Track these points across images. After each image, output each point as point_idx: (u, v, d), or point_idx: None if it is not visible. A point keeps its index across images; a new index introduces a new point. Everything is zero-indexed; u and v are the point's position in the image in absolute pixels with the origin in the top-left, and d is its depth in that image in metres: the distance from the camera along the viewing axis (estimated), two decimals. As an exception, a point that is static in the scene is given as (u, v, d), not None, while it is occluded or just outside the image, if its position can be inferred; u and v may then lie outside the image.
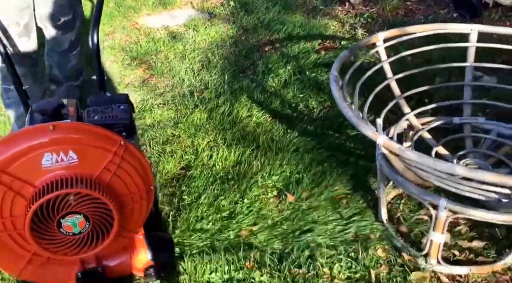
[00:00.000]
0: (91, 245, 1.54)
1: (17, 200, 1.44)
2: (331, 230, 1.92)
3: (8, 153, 1.39)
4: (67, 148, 1.45)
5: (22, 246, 1.56)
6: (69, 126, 1.49)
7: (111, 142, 1.47)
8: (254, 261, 1.80)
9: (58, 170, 1.44)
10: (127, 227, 1.62)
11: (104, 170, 1.48)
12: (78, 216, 1.50)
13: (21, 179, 1.42)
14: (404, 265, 1.78)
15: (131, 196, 1.57)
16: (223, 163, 2.30)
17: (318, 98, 2.77)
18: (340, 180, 2.15)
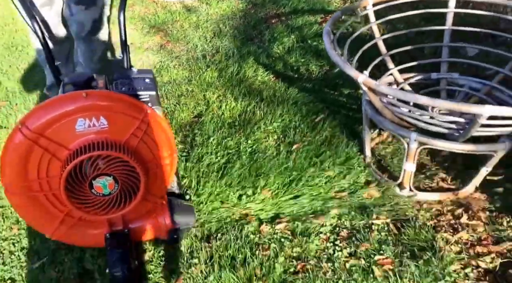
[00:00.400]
0: (119, 206, 1.60)
1: (53, 161, 1.51)
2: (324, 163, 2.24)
3: (45, 118, 1.46)
4: (98, 114, 1.52)
5: (56, 207, 1.62)
6: (101, 94, 1.56)
7: (138, 110, 1.54)
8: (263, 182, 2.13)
9: (90, 134, 1.51)
10: (151, 191, 1.69)
11: (131, 135, 1.55)
12: (108, 178, 1.56)
13: (56, 142, 1.48)
14: (384, 190, 2.10)
15: (155, 161, 1.64)
16: (231, 112, 2.62)
17: (317, 62, 3.07)
18: (332, 126, 2.47)
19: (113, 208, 1.59)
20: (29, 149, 1.47)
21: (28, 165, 1.51)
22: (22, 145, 1.47)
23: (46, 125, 1.45)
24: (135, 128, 1.55)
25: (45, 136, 1.46)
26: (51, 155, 1.49)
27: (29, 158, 1.50)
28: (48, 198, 1.59)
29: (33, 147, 1.47)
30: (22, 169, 1.51)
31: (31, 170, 1.52)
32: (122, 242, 1.72)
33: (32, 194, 1.56)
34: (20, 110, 2.78)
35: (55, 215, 1.63)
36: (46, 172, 1.52)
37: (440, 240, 1.82)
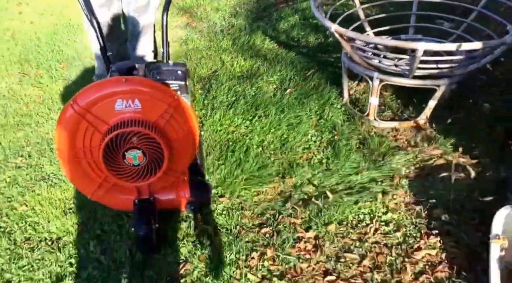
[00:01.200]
0: (146, 176, 1.82)
1: (95, 134, 1.75)
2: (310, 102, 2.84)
3: (91, 97, 1.71)
4: (134, 96, 1.74)
5: (96, 172, 1.87)
6: (137, 80, 1.78)
7: (167, 96, 1.77)
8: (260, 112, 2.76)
9: (126, 113, 1.75)
10: (174, 167, 1.91)
11: (160, 117, 1.78)
12: (138, 151, 1.78)
13: (99, 118, 1.73)
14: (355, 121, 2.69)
15: (179, 141, 1.86)
16: (240, 68, 3.27)
17: (315, 35, 3.70)
18: (320, 78, 3.07)
19: (141, 178, 1.83)
20: (78, 121, 1.73)
21: (76, 135, 1.77)
22: (72, 118, 1.73)
23: (92, 103, 1.72)
24: (163, 111, 1.78)
25: (91, 112, 1.73)
26: (94, 128, 1.75)
27: (77, 129, 1.76)
28: (90, 165, 1.86)
29: (80, 120, 1.73)
30: (71, 138, 1.78)
31: (78, 140, 1.78)
32: (147, 208, 1.98)
33: (78, 160, 1.83)
34: (76, 70, 3.51)
35: (95, 179, 1.89)
36: (90, 142, 1.78)
37: (399, 151, 2.41)
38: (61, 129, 1.76)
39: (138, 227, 1.93)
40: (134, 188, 1.96)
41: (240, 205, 2.15)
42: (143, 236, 1.93)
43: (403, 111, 2.75)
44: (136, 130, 1.73)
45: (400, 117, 2.72)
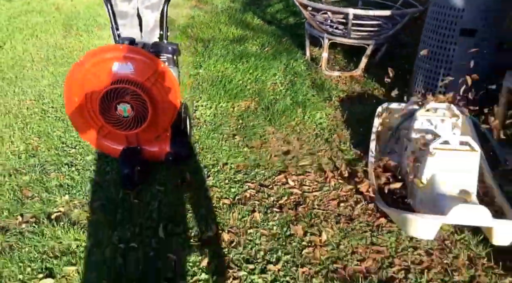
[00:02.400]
0: (133, 126, 2.20)
1: (95, 88, 2.15)
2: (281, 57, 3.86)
3: (95, 58, 2.15)
4: (128, 61, 2.15)
5: (94, 122, 2.27)
6: (132, 48, 2.20)
7: (155, 63, 2.18)
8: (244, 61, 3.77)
9: (120, 73, 2.15)
10: (157, 123, 2.29)
11: (147, 80, 2.18)
12: (127, 105, 2.15)
13: (99, 75, 2.15)
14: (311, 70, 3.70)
15: (162, 103, 2.24)
16: (233, 34, 4.34)
17: (293, 18, 4.79)
18: (292, 42, 4.13)
19: (129, 128, 2.21)
20: (82, 78, 2.17)
21: (80, 89, 2.20)
22: (78, 75, 2.17)
23: (95, 63, 2.14)
24: (150, 75, 2.18)
25: (92, 71, 2.13)
26: (94, 84, 2.14)
27: (81, 85, 2.17)
28: (90, 115, 2.27)
29: (84, 77, 2.16)
30: (76, 92, 2.21)
31: (81, 93, 2.21)
32: (133, 153, 2.36)
33: (81, 110, 2.25)
34: (107, 32, 4.56)
35: (94, 127, 2.32)
36: (90, 95, 2.19)
37: (338, 88, 3.42)
38: (69, 84, 2.22)
39: (123, 166, 2.31)
40: (125, 138, 2.35)
41: (223, 112, 3.14)
42: (126, 174, 2.28)
43: (346, 65, 3.78)
44: (127, 88, 2.13)
45: (344, 69, 3.74)
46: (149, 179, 2.40)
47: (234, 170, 2.49)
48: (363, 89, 3.38)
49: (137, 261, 1.90)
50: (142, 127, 2.19)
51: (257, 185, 2.38)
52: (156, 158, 2.43)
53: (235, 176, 2.44)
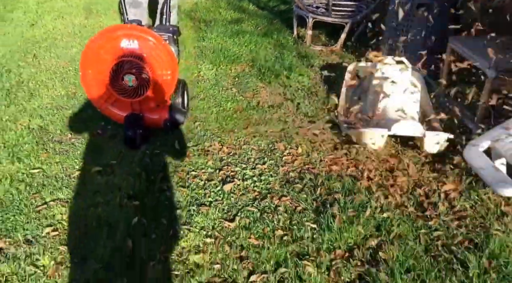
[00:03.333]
0: (137, 94, 2.59)
1: (106, 62, 2.55)
2: (272, 35, 4.53)
3: (105, 36, 2.61)
4: (133, 38, 2.59)
5: (104, 90, 2.67)
6: (137, 27, 2.67)
7: (156, 40, 2.64)
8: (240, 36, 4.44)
9: (128, 48, 2.58)
10: (158, 92, 2.69)
11: (149, 54, 2.60)
12: (132, 76, 2.54)
13: (110, 51, 2.59)
14: (298, 45, 4.37)
15: (162, 74, 2.65)
16: (231, 17, 5.02)
17: (284, 5, 5.45)
18: (282, 24, 4.81)
19: (133, 96, 2.61)
20: (96, 53, 2.61)
21: (94, 63, 2.61)
22: (93, 50, 2.61)
23: (106, 40, 2.61)
24: (152, 50, 2.63)
25: (104, 47, 2.61)
26: (106, 58, 2.58)
27: (95, 59, 2.61)
28: (100, 85, 2.67)
29: (98, 51, 2.61)
30: (90, 65, 2.64)
31: (95, 66, 2.62)
32: (136, 118, 2.73)
33: (94, 81, 2.67)
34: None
35: (103, 96, 2.72)
36: (102, 68, 2.58)
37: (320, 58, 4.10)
38: (84, 58, 2.65)
39: (127, 129, 2.69)
40: (129, 106, 2.72)
41: (222, 72, 3.80)
42: (130, 135, 2.68)
43: (328, 42, 4.47)
44: (133, 61, 2.54)
45: (326, 45, 4.42)
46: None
47: (232, 111, 3.17)
48: (340, 60, 4.05)
49: (160, 162, 2.59)
50: (144, 96, 2.60)
51: (251, 120, 3.05)
52: (155, 124, 2.80)
53: (232, 114, 3.12)
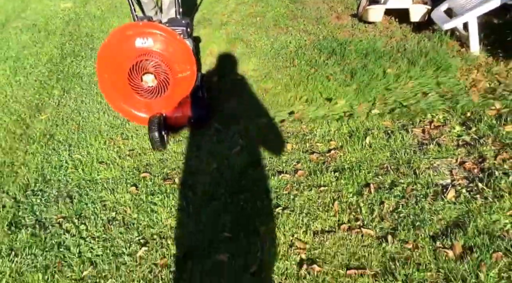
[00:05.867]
0: (158, 93, 2.60)
1: (123, 63, 2.54)
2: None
3: (119, 36, 2.56)
4: (148, 36, 2.52)
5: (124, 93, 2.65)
6: (150, 24, 2.58)
7: (171, 36, 2.57)
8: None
9: (143, 47, 2.53)
10: (178, 89, 2.65)
11: (166, 50, 2.53)
12: (151, 75, 2.53)
13: (125, 51, 2.54)
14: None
15: (181, 70, 2.59)
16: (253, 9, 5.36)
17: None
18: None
19: (154, 95, 2.60)
20: (110, 56, 2.55)
21: (110, 66, 2.57)
22: (107, 53, 2.57)
23: (119, 41, 2.55)
24: (168, 46, 2.54)
25: (118, 48, 2.53)
26: (121, 60, 2.54)
27: (112, 61, 2.54)
28: (118, 86, 2.63)
29: (112, 54, 2.55)
30: (107, 67, 2.59)
31: (111, 70, 2.57)
32: (159, 119, 2.68)
33: (112, 84, 2.63)
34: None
35: (123, 99, 2.71)
36: (119, 70, 2.54)
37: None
38: (100, 63, 2.60)
39: (151, 131, 2.66)
40: (150, 107, 2.71)
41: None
42: (155, 137, 2.67)
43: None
44: (149, 59, 2.52)
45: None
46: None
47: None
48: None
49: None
50: (166, 95, 2.58)
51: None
52: (180, 122, 2.81)
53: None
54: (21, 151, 3.09)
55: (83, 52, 4.57)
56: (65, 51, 4.65)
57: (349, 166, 2.55)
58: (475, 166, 2.36)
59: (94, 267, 2.16)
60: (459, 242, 1.97)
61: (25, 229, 2.42)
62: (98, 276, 2.11)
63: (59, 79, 4.06)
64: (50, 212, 2.53)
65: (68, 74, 4.14)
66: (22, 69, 4.31)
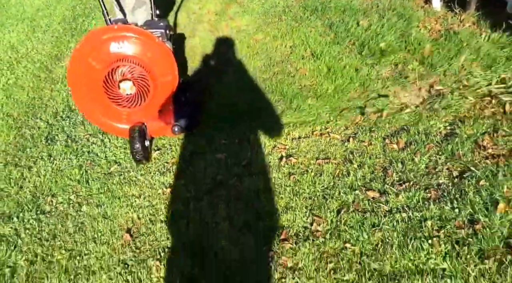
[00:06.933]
0: (137, 102, 2.39)
1: (97, 70, 2.33)
2: None
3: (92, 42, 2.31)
4: (123, 39, 2.28)
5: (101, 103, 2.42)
6: (126, 27, 2.33)
7: (149, 39, 2.35)
8: None
9: (119, 52, 2.30)
10: (159, 96, 2.44)
11: (144, 55, 2.31)
12: (129, 82, 2.30)
13: (99, 58, 2.30)
14: None
15: (161, 75, 2.38)
16: None
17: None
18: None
19: (133, 103, 2.38)
20: (84, 63, 2.32)
21: (84, 74, 2.34)
22: (80, 61, 2.33)
23: (93, 47, 2.31)
24: (146, 50, 2.31)
25: (92, 55, 2.30)
26: (96, 67, 2.31)
27: (84, 70, 2.33)
28: (94, 97, 2.39)
29: (86, 61, 2.31)
30: (79, 76, 2.36)
31: (84, 77, 2.35)
32: (140, 130, 2.50)
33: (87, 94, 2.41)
34: None
35: (100, 110, 2.48)
36: (94, 79, 2.33)
37: None
38: (72, 71, 2.35)
39: (133, 142, 2.47)
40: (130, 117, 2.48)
41: None
42: (137, 149, 2.49)
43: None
44: (126, 64, 2.27)
45: None
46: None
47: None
48: None
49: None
50: (147, 102, 2.39)
51: None
52: (162, 132, 2.65)
53: None
54: (48, 90, 3.64)
55: (93, 13, 5.07)
56: (76, 12, 5.16)
57: (325, 95, 3.12)
58: (427, 92, 2.94)
59: (119, 165, 2.74)
60: (403, 139, 2.56)
61: (59, 142, 2.99)
62: (122, 171, 2.69)
63: (73, 35, 4.57)
64: (78, 131, 3.09)
65: (81, 31, 4.65)
66: (39, 28, 4.82)
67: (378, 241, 2.03)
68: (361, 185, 2.33)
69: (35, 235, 2.23)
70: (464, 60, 3.08)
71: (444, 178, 2.26)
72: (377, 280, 1.87)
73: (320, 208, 2.24)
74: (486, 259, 1.86)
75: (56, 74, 3.85)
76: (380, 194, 2.26)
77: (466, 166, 2.28)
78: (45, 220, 2.34)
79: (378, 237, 2.05)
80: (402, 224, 2.08)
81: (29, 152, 2.91)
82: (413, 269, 1.89)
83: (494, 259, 1.86)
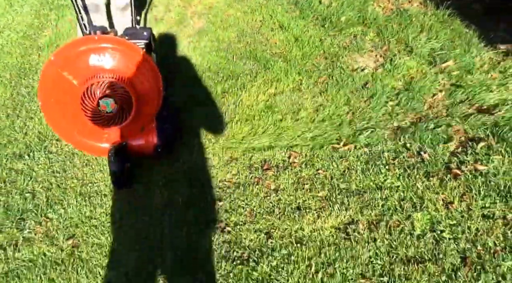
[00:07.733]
0: (118, 121, 2.07)
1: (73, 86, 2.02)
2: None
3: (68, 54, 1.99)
4: (103, 51, 1.98)
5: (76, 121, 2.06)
6: (107, 38, 2.03)
7: (132, 50, 2.05)
8: None
9: (99, 66, 2.00)
10: (142, 114, 2.13)
11: (127, 69, 2.00)
12: (110, 99, 2.00)
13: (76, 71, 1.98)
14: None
15: (145, 91, 2.10)
16: None
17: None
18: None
19: (115, 122, 2.07)
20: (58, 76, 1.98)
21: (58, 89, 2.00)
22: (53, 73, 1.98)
23: (69, 59, 1.98)
24: (129, 63, 2.02)
25: (68, 67, 1.96)
26: (73, 80, 1.99)
27: (58, 84, 1.99)
28: (69, 114, 2.04)
29: (60, 74, 1.98)
30: (53, 91, 2.02)
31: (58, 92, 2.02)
32: (120, 150, 2.19)
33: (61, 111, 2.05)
34: None
35: (76, 127, 2.13)
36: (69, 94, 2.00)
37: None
38: (43, 85, 2.02)
39: (112, 165, 2.14)
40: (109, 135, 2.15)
41: None
42: (116, 172, 2.17)
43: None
44: (107, 80, 1.95)
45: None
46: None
47: None
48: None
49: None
50: (129, 121, 2.08)
51: None
52: (144, 152, 2.31)
53: None
54: (35, 55, 3.83)
55: (67, -11, 5.20)
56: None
57: (294, 60, 3.52)
58: (381, 57, 3.41)
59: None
60: (367, 93, 3.00)
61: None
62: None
63: (51, 9, 4.72)
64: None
65: (59, 5, 4.80)
66: (16, 2, 4.92)
67: (345, 169, 2.45)
68: (332, 129, 2.75)
69: (47, 169, 2.48)
70: (411, 33, 3.58)
71: (399, 122, 2.72)
72: (345, 195, 2.29)
73: (297, 145, 2.64)
74: (431, 177, 2.33)
75: (41, 42, 4.02)
76: (347, 137, 2.69)
77: (419, 112, 2.76)
78: (54, 158, 2.59)
79: (345, 165, 2.47)
80: (365, 156, 2.52)
81: (27, 106, 3.13)
82: (373, 186, 2.33)
83: (437, 178, 2.32)
